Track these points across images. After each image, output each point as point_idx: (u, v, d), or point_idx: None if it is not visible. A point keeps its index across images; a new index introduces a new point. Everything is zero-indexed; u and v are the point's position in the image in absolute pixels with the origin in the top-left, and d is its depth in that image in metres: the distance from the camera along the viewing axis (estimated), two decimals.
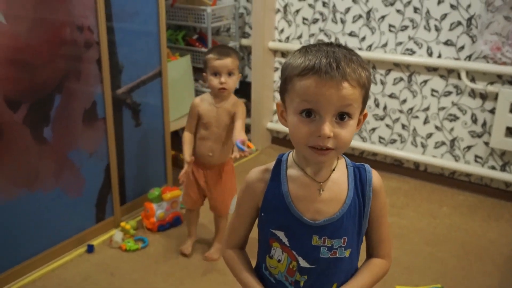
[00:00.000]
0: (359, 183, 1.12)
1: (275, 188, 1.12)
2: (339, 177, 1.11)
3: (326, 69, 0.97)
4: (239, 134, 2.18)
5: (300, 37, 3.46)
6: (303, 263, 1.11)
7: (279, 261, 1.14)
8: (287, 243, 1.11)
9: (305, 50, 1.04)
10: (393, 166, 3.37)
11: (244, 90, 3.68)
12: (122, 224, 2.63)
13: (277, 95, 3.70)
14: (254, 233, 1.24)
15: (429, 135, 3.18)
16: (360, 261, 1.20)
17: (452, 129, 3.10)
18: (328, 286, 1.15)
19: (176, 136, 3.48)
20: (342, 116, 1.00)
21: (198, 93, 3.49)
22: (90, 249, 2.49)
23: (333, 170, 1.11)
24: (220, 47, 2.31)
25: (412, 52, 3.09)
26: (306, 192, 1.10)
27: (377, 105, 3.29)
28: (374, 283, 1.17)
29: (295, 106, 1.02)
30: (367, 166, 1.15)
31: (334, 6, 3.26)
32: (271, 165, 1.15)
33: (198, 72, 3.51)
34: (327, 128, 0.98)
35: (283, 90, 1.07)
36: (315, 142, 1.00)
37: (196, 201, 2.45)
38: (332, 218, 1.09)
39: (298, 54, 1.04)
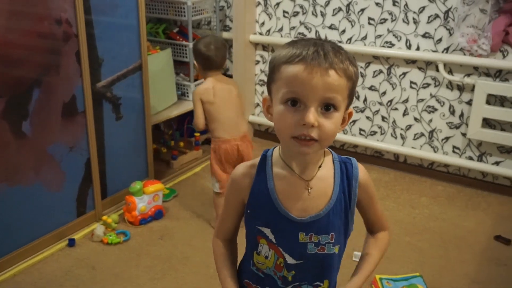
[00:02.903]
0: (346, 179, 1.12)
1: (260, 184, 1.10)
2: (326, 173, 1.10)
3: (313, 56, 0.97)
4: None
5: (280, 30, 3.47)
6: (290, 260, 1.10)
7: (266, 257, 1.13)
8: (273, 240, 1.10)
9: (293, 42, 1.04)
10: (373, 158, 3.41)
11: None
12: (104, 217, 2.63)
13: (259, 88, 3.71)
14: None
15: (409, 127, 3.23)
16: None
17: (430, 121, 3.14)
18: (319, 281, 1.15)
19: (157, 129, 3.47)
20: (327, 107, 0.99)
21: (179, 86, 3.48)
22: (71, 243, 2.49)
23: (320, 166, 1.10)
24: None
25: (391, 45, 3.12)
26: (292, 189, 1.09)
27: (357, 98, 3.32)
28: (382, 257, 1.21)
29: (280, 95, 1.01)
30: (353, 160, 1.14)
31: None
32: (257, 160, 1.14)
33: (179, 65, 3.50)
34: (312, 116, 0.97)
35: (270, 80, 1.06)
36: (300, 131, 0.98)
37: None
38: (318, 215, 1.08)
39: (286, 45, 1.04)
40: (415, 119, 3.18)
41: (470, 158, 3.08)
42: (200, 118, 2.53)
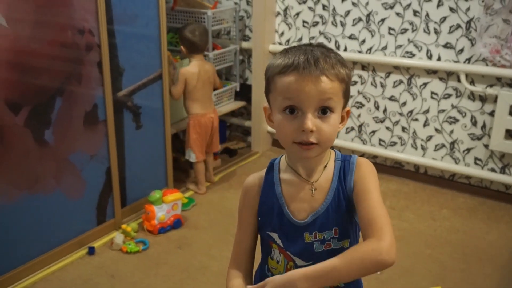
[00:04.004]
0: (343, 174, 1.12)
1: (268, 191, 1.15)
2: (328, 172, 1.14)
3: (304, 65, 1.01)
4: None
5: (300, 40, 3.47)
6: (299, 262, 1.13)
7: (277, 262, 1.17)
8: (281, 245, 1.14)
9: (285, 51, 1.08)
10: (393, 169, 3.37)
11: (244, 93, 3.69)
12: (123, 226, 2.64)
13: None
14: None
15: (429, 138, 3.19)
16: None
17: (452, 132, 3.10)
18: None
19: (177, 138, 3.49)
20: (324, 111, 1.04)
21: None
22: (91, 251, 2.50)
23: (325, 167, 1.13)
24: None
25: (411, 55, 3.10)
26: (298, 192, 1.12)
27: (377, 108, 3.30)
28: (346, 265, 0.97)
29: (278, 105, 1.06)
30: (353, 157, 1.14)
31: (334, 9, 3.27)
32: (265, 170, 1.19)
33: None
34: (310, 122, 1.01)
35: (267, 90, 1.11)
36: (300, 137, 1.03)
37: None
38: (317, 212, 1.11)
39: (278, 55, 1.08)
40: (436, 130, 3.15)
41: (493, 170, 3.04)
42: (179, 93, 2.97)
